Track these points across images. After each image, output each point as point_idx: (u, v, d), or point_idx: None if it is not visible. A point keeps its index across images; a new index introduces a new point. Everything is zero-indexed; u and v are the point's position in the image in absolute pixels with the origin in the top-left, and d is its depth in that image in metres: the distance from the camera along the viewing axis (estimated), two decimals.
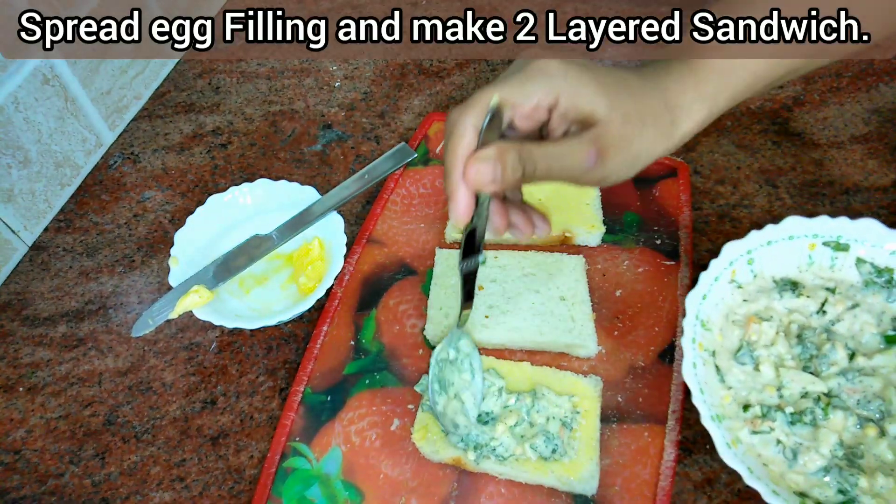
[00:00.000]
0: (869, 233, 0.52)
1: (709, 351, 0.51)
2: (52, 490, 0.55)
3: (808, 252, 0.54)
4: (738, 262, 0.54)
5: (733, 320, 0.53)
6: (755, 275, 0.55)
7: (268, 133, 0.80)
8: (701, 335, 0.51)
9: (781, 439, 0.47)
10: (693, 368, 0.49)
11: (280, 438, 0.55)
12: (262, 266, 0.65)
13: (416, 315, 0.61)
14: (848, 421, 0.47)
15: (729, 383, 0.51)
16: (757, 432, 0.48)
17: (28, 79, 0.67)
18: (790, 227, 0.54)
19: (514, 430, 0.52)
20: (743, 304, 0.54)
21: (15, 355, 0.63)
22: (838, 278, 0.53)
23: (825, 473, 0.46)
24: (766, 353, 0.51)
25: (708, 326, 0.52)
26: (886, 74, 0.77)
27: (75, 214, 0.74)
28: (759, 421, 0.48)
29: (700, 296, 0.52)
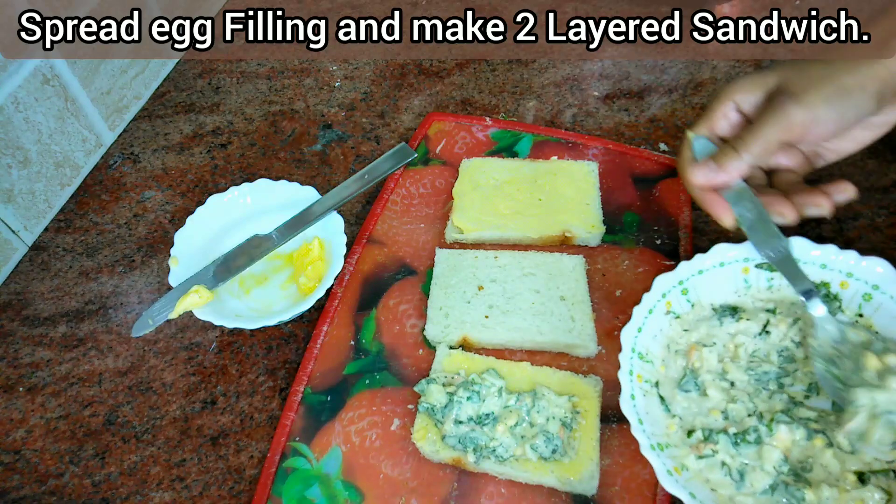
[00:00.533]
0: (798, 250, 0.52)
1: (650, 382, 0.51)
2: (52, 490, 0.55)
3: (742, 276, 0.53)
4: (671, 293, 0.53)
5: (675, 350, 0.52)
6: (692, 304, 0.54)
7: (268, 133, 0.80)
8: (639, 367, 0.50)
9: (726, 461, 0.47)
10: (631, 400, 0.48)
11: (280, 438, 0.55)
12: (262, 266, 0.65)
13: (416, 315, 0.61)
14: (795, 434, 0.47)
15: (674, 412, 0.50)
16: (702, 457, 0.47)
17: (28, 79, 0.67)
18: (719, 255, 0.53)
19: (514, 430, 0.52)
20: (684, 333, 0.53)
21: (15, 355, 0.63)
22: (778, 298, 0.53)
23: (772, 492, 0.45)
24: (711, 378, 0.51)
25: (648, 358, 0.51)
26: None
27: (75, 214, 0.74)
28: (703, 445, 0.47)
29: (635, 328, 0.51)
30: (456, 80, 0.83)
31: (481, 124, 0.75)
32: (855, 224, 0.65)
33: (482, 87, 0.82)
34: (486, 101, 0.80)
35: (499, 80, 0.82)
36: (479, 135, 0.74)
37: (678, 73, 0.80)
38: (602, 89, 0.80)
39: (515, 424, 0.52)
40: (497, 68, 0.84)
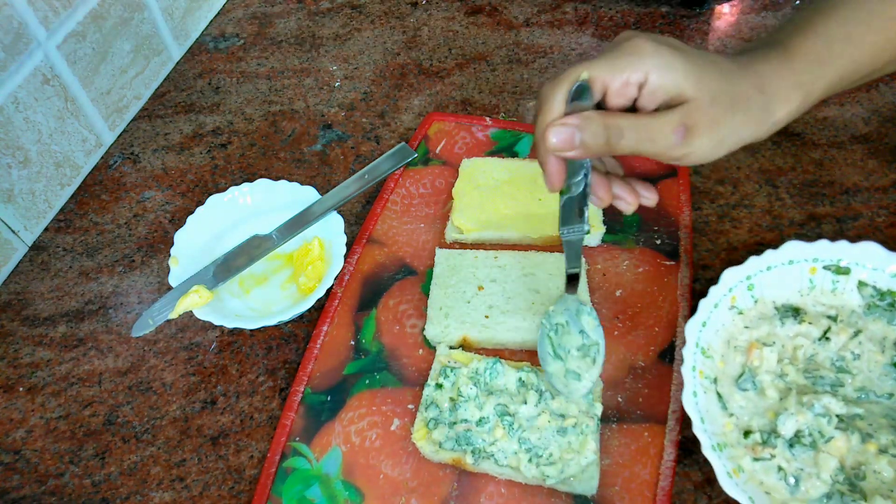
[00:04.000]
0: (870, 256, 0.52)
1: (710, 378, 0.51)
2: (52, 490, 0.55)
3: (808, 276, 0.54)
4: (737, 288, 0.53)
5: (735, 346, 0.53)
6: (756, 300, 0.54)
7: (268, 133, 0.80)
8: (701, 363, 0.51)
9: (783, 465, 0.47)
10: (693, 397, 0.48)
11: (280, 438, 0.55)
12: (262, 266, 0.65)
13: (416, 315, 0.61)
14: (851, 439, 0.47)
15: (731, 410, 0.50)
16: (758, 459, 0.47)
17: (28, 79, 0.67)
18: (790, 252, 0.53)
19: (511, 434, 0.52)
20: (745, 330, 0.53)
21: (15, 355, 0.63)
22: (840, 303, 0.53)
23: (827, 500, 0.45)
24: (769, 378, 0.51)
25: (709, 353, 0.52)
26: (887, 74, 0.77)
27: (75, 214, 0.74)
28: (760, 447, 0.48)
29: (700, 323, 0.51)
30: (456, 80, 0.83)
31: (481, 124, 0.75)
32: (855, 224, 0.65)
33: (482, 87, 0.82)
34: (486, 101, 0.80)
35: (499, 80, 0.82)
36: (479, 135, 0.74)
37: None
38: None
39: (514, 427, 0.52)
40: (497, 68, 0.84)
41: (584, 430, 0.52)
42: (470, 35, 0.88)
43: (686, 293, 0.60)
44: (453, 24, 0.90)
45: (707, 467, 0.53)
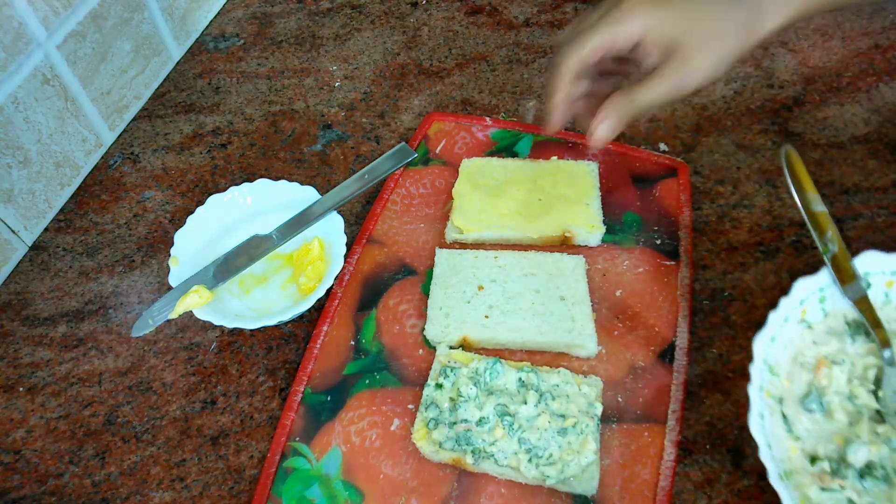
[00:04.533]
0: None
1: (775, 398, 0.47)
2: (52, 490, 0.55)
3: (884, 290, 0.50)
4: (809, 300, 0.49)
5: (801, 363, 0.49)
6: (826, 314, 0.50)
7: (268, 133, 0.80)
8: (769, 381, 0.47)
9: (853, 499, 0.43)
10: (760, 420, 0.45)
11: (280, 438, 0.55)
12: (262, 266, 0.65)
13: (416, 315, 0.61)
14: None
15: (797, 433, 0.47)
16: (826, 489, 0.44)
17: (28, 79, 0.67)
18: (866, 263, 0.50)
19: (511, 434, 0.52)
20: (812, 345, 0.50)
21: (15, 355, 0.63)
22: None
23: None
24: (838, 400, 0.47)
25: (776, 371, 0.48)
26: (886, 74, 0.77)
27: (75, 214, 0.74)
28: (829, 477, 0.44)
29: (769, 338, 0.47)
30: (456, 80, 0.83)
31: (481, 124, 0.75)
32: (855, 224, 0.65)
33: (482, 87, 0.82)
34: (486, 101, 0.80)
35: (499, 80, 0.82)
36: (479, 135, 0.74)
37: None
38: None
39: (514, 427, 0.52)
40: (497, 68, 0.84)
41: (584, 430, 0.52)
42: (470, 35, 0.88)
43: (686, 293, 0.60)
44: (453, 24, 0.90)
45: (707, 467, 0.53)
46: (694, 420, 0.55)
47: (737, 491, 0.52)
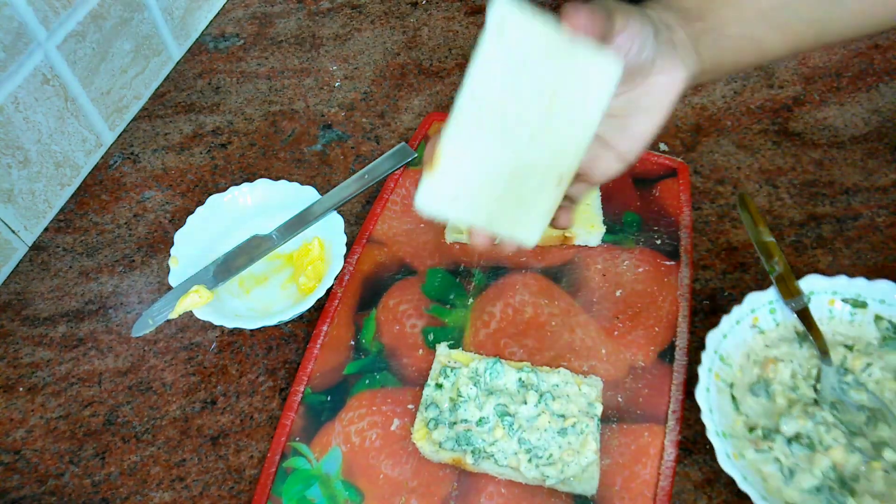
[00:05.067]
0: (886, 293, 0.55)
1: (726, 382, 0.53)
2: (52, 490, 0.55)
3: (828, 307, 0.56)
4: (760, 310, 0.56)
5: (754, 360, 0.55)
6: (777, 323, 0.56)
7: (268, 133, 0.80)
8: (719, 367, 0.53)
9: (780, 458, 0.50)
10: (706, 392, 0.51)
11: (280, 438, 0.55)
12: (262, 266, 0.65)
13: (416, 315, 0.61)
14: (850, 457, 0.49)
15: (743, 411, 0.53)
16: (759, 451, 0.50)
17: (28, 79, 0.67)
18: (811, 284, 0.56)
19: (511, 434, 0.52)
20: (764, 347, 0.56)
21: (15, 355, 0.63)
22: (857, 334, 0.56)
23: (817, 492, 0.48)
24: (781, 388, 0.53)
25: (727, 361, 0.54)
26: (886, 74, 0.77)
27: (75, 214, 0.74)
28: (762, 441, 0.51)
29: (721, 335, 0.54)
30: (456, 80, 0.83)
31: None
32: (855, 224, 0.65)
33: None
34: None
35: None
36: None
37: None
38: None
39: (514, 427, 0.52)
40: None
41: (584, 430, 0.52)
42: (470, 35, 0.88)
43: (686, 293, 0.60)
44: (453, 24, 0.89)
45: (707, 467, 0.53)
46: (694, 420, 0.55)
47: (737, 491, 0.52)
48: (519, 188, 0.41)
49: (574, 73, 0.39)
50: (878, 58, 0.79)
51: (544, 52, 0.38)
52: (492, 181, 0.40)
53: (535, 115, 0.39)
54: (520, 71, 0.38)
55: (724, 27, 0.47)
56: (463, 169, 0.39)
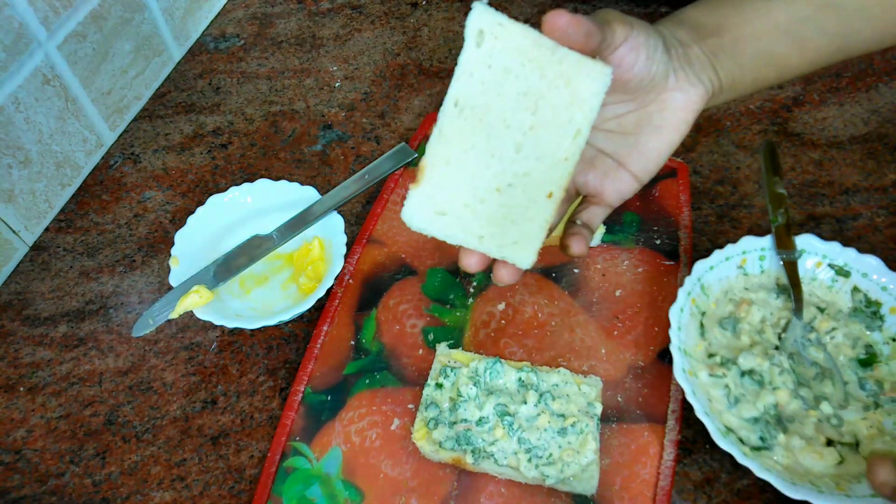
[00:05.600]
0: (871, 268, 0.57)
1: (699, 309, 0.57)
2: (52, 490, 0.55)
3: (814, 268, 0.59)
4: (751, 253, 0.59)
5: (731, 298, 0.58)
6: (763, 270, 0.59)
7: (268, 133, 0.80)
8: (697, 294, 0.57)
9: (730, 386, 0.53)
10: (679, 311, 0.55)
11: (280, 438, 0.55)
12: (263, 266, 0.66)
13: (416, 315, 0.61)
14: (793, 403, 0.53)
15: (707, 338, 0.56)
16: (713, 375, 0.54)
17: (28, 79, 0.67)
18: (805, 243, 0.58)
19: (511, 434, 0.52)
20: (744, 290, 0.59)
21: (15, 355, 0.63)
22: (831, 300, 0.58)
23: (754, 422, 0.52)
24: (748, 328, 0.56)
25: (706, 292, 0.57)
26: (886, 74, 0.78)
27: (76, 214, 0.74)
28: (717, 367, 0.54)
29: (708, 266, 0.57)
30: None
31: None
32: (855, 224, 0.65)
33: None
34: None
35: None
36: None
37: None
38: None
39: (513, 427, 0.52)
40: None
41: (583, 429, 0.52)
42: None
43: None
44: (453, 24, 0.90)
45: (707, 467, 0.53)
46: (694, 420, 0.55)
47: (736, 490, 0.52)
48: (508, 203, 0.40)
49: (560, 81, 0.38)
50: (878, 58, 0.79)
51: (527, 59, 0.37)
52: (479, 195, 0.39)
53: (520, 125, 0.38)
54: (502, 79, 0.37)
55: (741, 43, 0.45)
56: (449, 182, 0.38)
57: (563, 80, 0.38)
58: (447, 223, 0.39)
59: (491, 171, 0.39)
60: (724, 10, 0.46)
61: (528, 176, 0.39)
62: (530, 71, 0.37)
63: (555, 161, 0.39)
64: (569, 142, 0.39)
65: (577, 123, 0.39)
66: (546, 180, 0.40)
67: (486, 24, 0.36)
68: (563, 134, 0.39)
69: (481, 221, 0.40)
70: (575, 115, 0.39)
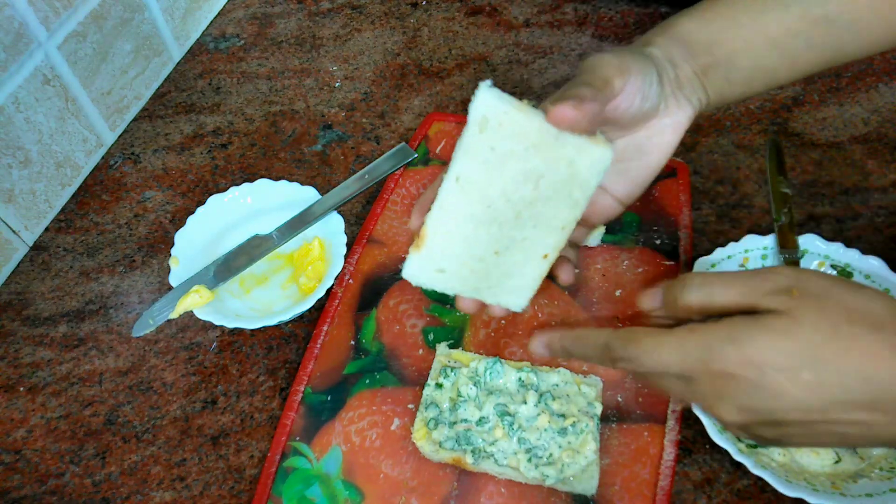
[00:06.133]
0: (874, 269, 0.57)
1: None
2: (52, 490, 0.55)
3: (816, 268, 0.58)
4: (753, 252, 0.59)
5: None
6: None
7: (268, 133, 0.80)
8: None
9: None
10: None
11: (280, 438, 0.55)
12: (263, 266, 0.66)
13: (416, 315, 0.61)
14: None
15: None
16: None
17: (28, 79, 0.67)
18: (808, 243, 0.58)
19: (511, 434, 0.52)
20: None
21: (15, 355, 0.63)
22: None
23: None
24: None
25: None
26: (886, 74, 0.78)
27: (76, 214, 0.74)
28: None
29: (710, 263, 0.58)
30: (456, 80, 0.83)
31: None
32: (855, 224, 0.65)
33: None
34: None
35: (499, 81, 0.82)
36: None
37: None
38: None
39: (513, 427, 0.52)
40: (497, 68, 0.84)
41: (583, 429, 0.52)
42: (470, 35, 0.88)
43: None
44: (453, 24, 0.90)
45: (707, 467, 0.53)
46: (694, 420, 0.55)
47: (736, 490, 0.52)
48: (505, 262, 0.42)
49: (562, 163, 0.39)
50: (878, 58, 0.79)
51: (530, 143, 0.38)
52: (477, 256, 0.42)
53: (521, 198, 0.40)
54: (504, 160, 0.38)
55: (733, 59, 0.45)
56: (448, 246, 0.41)
57: (564, 162, 0.39)
58: (446, 278, 0.43)
59: (490, 237, 0.41)
60: (719, 24, 0.46)
61: (526, 240, 0.42)
62: (533, 154, 0.38)
63: (552, 228, 0.42)
64: (566, 213, 0.41)
65: (575, 197, 0.40)
66: (543, 244, 0.42)
67: (491, 112, 0.37)
68: (561, 206, 0.41)
69: (479, 277, 0.43)
70: (574, 191, 0.40)
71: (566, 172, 0.39)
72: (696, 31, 0.46)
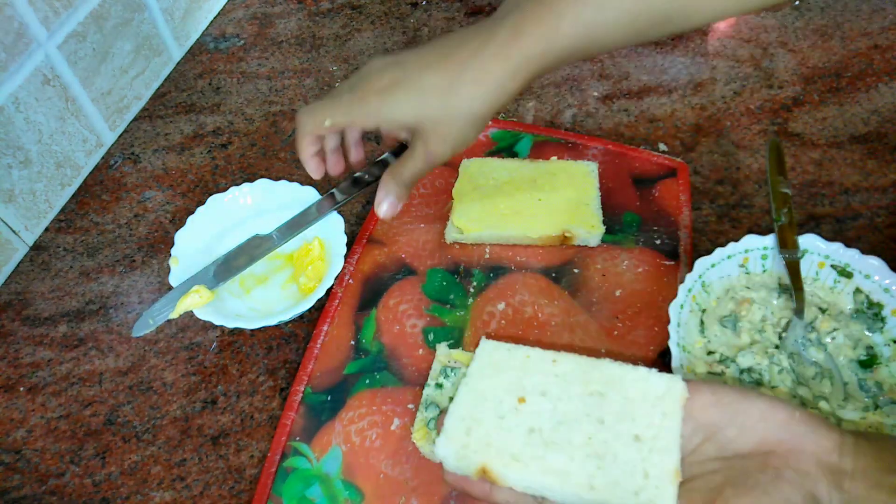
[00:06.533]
0: (874, 269, 0.56)
1: (699, 306, 0.57)
2: (52, 490, 0.55)
3: (816, 268, 0.58)
4: (753, 252, 0.58)
5: (731, 296, 0.58)
6: (765, 269, 0.59)
7: (268, 133, 0.80)
8: (698, 291, 0.57)
9: (728, 383, 0.53)
10: (679, 308, 0.55)
11: (280, 438, 0.55)
12: (263, 266, 0.66)
13: (416, 315, 0.61)
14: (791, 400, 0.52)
15: (707, 336, 0.56)
16: (711, 373, 0.54)
17: (28, 79, 0.67)
18: (808, 243, 0.58)
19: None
20: (745, 288, 0.58)
21: (15, 355, 0.63)
22: (833, 300, 0.58)
23: None
24: (749, 326, 0.56)
25: (707, 289, 0.57)
26: (886, 74, 0.78)
27: (76, 214, 0.74)
28: (717, 364, 0.54)
29: (709, 263, 0.57)
30: None
31: None
32: (854, 224, 0.66)
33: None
34: None
35: None
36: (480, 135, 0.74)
37: (677, 74, 0.80)
38: (601, 90, 0.80)
39: None
40: None
41: None
42: None
43: None
44: (453, 24, 0.90)
45: None
46: None
47: None
48: None
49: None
50: (878, 58, 0.79)
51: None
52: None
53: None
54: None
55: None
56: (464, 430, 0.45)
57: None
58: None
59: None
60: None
61: None
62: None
63: None
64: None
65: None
66: None
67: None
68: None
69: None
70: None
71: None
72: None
